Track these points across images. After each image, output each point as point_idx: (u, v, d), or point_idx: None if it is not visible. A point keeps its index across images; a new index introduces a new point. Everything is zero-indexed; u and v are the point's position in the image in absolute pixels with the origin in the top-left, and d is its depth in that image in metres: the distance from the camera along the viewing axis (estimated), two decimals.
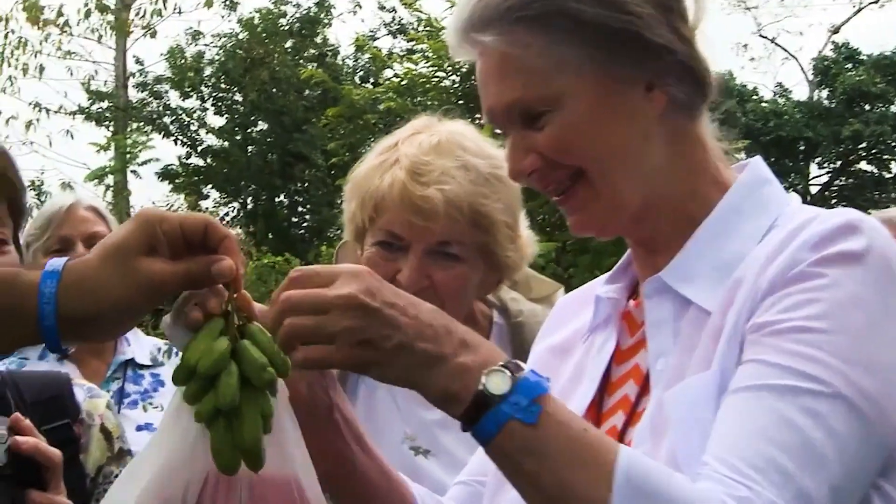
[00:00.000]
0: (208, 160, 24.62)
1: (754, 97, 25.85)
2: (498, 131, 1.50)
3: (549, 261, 12.09)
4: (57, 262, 1.24)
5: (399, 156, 2.03)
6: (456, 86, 17.01)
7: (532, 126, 1.42)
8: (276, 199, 24.61)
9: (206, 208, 23.06)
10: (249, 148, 24.57)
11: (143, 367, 3.09)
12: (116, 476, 1.78)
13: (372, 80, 22.41)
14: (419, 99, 17.12)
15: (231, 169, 24.12)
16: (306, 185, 24.24)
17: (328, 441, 1.43)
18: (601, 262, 12.63)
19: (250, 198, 24.75)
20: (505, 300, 2.21)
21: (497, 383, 1.19)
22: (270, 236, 23.18)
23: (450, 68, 16.77)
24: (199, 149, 24.55)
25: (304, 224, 24.89)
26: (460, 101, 17.54)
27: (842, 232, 1.30)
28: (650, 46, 1.40)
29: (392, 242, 2.03)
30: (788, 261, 1.30)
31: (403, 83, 17.35)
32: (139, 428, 2.96)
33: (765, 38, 28.80)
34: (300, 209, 24.98)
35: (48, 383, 1.77)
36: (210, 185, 24.67)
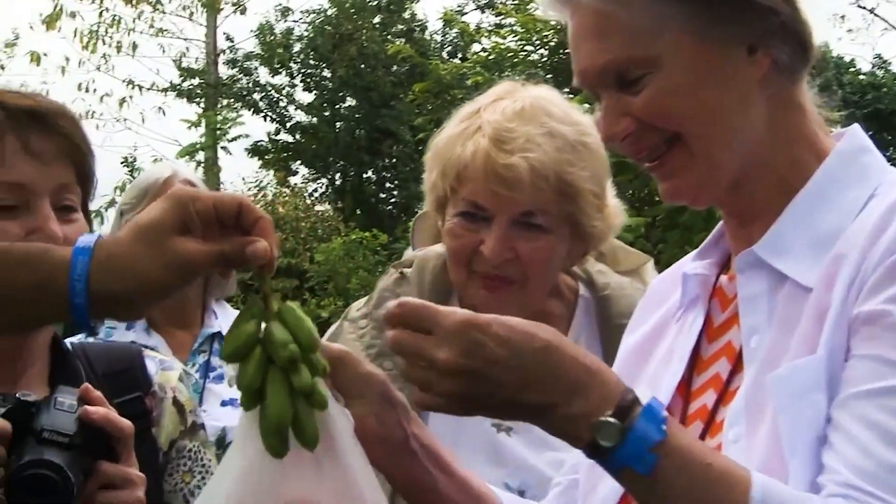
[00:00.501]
0: (297, 136, 24.82)
1: (852, 69, 25.18)
2: (586, 101, 1.48)
3: (637, 236, 11.91)
4: (88, 239, 1.24)
5: (482, 123, 1.97)
6: (544, 59, 16.88)
7: (627, 88, 1.37)
8: (364, 175, 24.73)
9: (295, 184, 23.30)
10: (337, 124, 24.71)
11: None
12: (189, 450, 1.76)
13: (459, 55, 22.36)
14: (507, 73, 17.02)
15: (319, 145, 24.29)
16: (394, 160, 24.30)
17: (408, 471, 1.42)
18: (691, 238, 12.43)
19: (338, 174, 24.92)
20: (591, 272, 2.16)
21: (607, 436, 1.17)
22: (358, 212, 23.33)
23: (538, 42, 16.65)
24: (288, 125, 24.77)
25: (392, 200, 24.99)
26: (549, 76, 17.42)
27: None
28: (755, 6, 1.34)
29: (475, 213, 1.97)
30: (891, 241, 1.25)
31: (491, 58, 17.26)
32: (223, 403, 2.97)
33: (863, 8, 27.98)
34: (387, 185, 25.08)
35: (119, 355, 1.75)
36: (299, 161, 24.88)
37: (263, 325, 1.31)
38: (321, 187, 24.95)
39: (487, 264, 1.95)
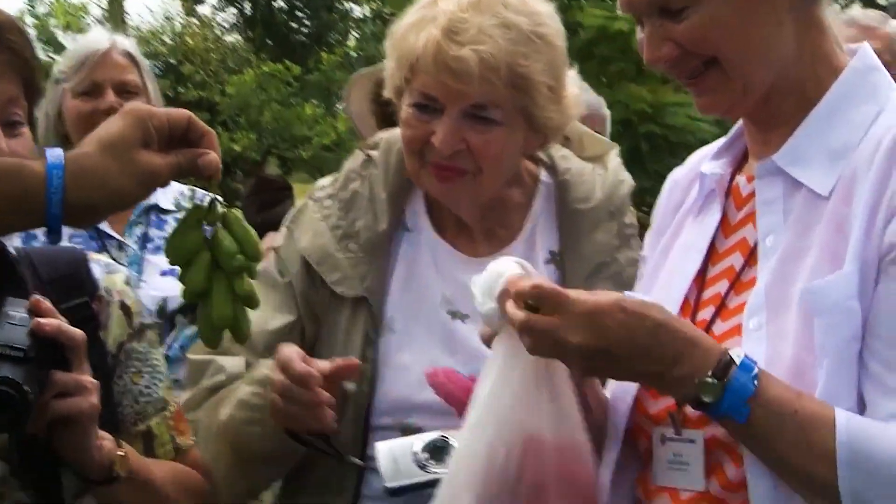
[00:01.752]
0: None
1: None
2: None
3: None
4: (57, 154, 1.35)
5: (437, 12, 1.94)
6: None
7: (671, 17, 1.48)
8: (275, 4, 24.09)
9: (203, 14, 22.60)
10: None
11: (166, 211, 3.05)
12: (138, 352, 1.78)
13: None
14: None
15: None
16: None
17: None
18: (607, 69, 12.50)
19: (248, 3, 24.22)
20: (554, 157, 2.16)
21: (709, 393, 1.36)
22: (269, 43, 22.81)
23: None
24: None
25: (304, 30, 24.46)
26: None
27: None
28: None
29: (427, 104, 1.95)
30: None
31: None
32: (163, 273, 2.95)
33: None
34: (299, 14, 24.49)
35: (64, 260, 1.74)
36: None
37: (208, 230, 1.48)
38: (231, 17, 24.28)
39: (438, 155, 1.95)
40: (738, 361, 1.37)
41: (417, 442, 1.82)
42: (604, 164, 2.17)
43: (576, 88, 2.07)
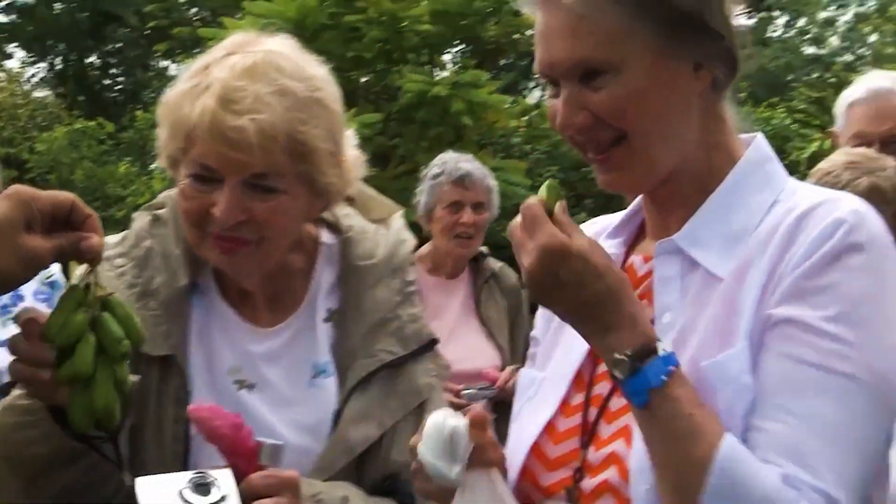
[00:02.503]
0: (12, 16, 23.23)
1: None
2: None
3: (375, 133, 12.07)
4: None
5: (210, 81, 1.88)
6: None
7: (589, 85, 1.50)
8: (87, 60, 23.52)
9: (11, 69, 21.83)
10: (56, 4, 23.27)
11: None
12: None
13: None
14: None
15: (37, 27, 22.84)
16: (119, 45, 23.21)
17: None
18: (426, 133, 12.70)
19: (59, 58, 23.56)
20: (337, 216, 2.13)
21: (619, 369, 1.42)
22: (82, 99, 22.20)
23: None
24: (2, 4, 23.10)
25: (118, 87, 23.93)
26: None
27: (847, 223, 1.44)
28: (708, 30, 1.50)
29: (205, 175, 1.89)
30: (802, 252, 1.43)
31: None
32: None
33: None
34: (113, 71, 23.97)
35: None
36: (15, 44, 23.33)
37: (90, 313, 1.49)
38: (40, 72, 23.55)
39: (220, 226, 1.89)
40: (660, 354, 1.41)
41: (181, 478, 1.73)
42: (387, 224, 2.16)
43: (354, 150, 2.06)
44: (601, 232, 1.73)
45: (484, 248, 4.52)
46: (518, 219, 1.48)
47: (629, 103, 1.50)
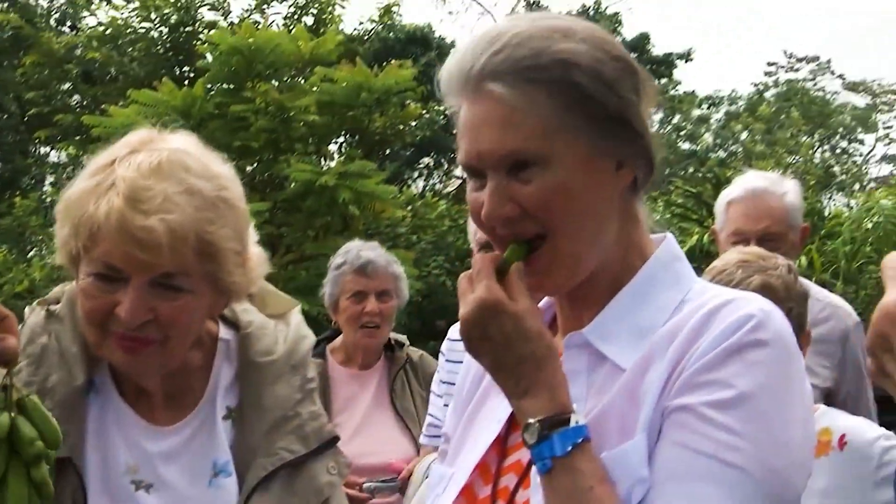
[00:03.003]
0: None
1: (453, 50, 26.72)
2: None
3: (262, 221, 12.02)
4: None
5: (115, 179, 1.85)
6: (164, 37, 16.45)
7: (517, 177, 1.50)
8: None
9: None
10: None
11: None
12: None
13: (69, 23, 21.30)
14: (125, 49, 16.42)
15: None
16: None
17: None
18: (313, 222, 12.70)
19: None
20: (236, 311, 2.11)
21: (529, 433, 1.45)
22: None
23: (157, 19, 16.20)
24: None
25: None
26: (169, 53, 16.99)
27: (753, 318, 1.46)
28: (631, 129, 1.52)
29: (110, 274, 1.85)
30: (706, 346, 1.45)
31: (108, 32, 16.54)
32: None
33: None
34: None
35: None
36: None
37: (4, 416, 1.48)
38: None
39: (124, 326, 1.86)
40: (571, 425, 1.44)
41: None
42: (286, 320, 2.15)
43: (257, 247, 2.04)
44: None
45: (400, 337, 4.48)
46: (471, 307, 1.49)
47: (557, 197, 1.50)
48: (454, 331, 3.84)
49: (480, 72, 1.51)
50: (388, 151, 17.21)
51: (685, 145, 33.42)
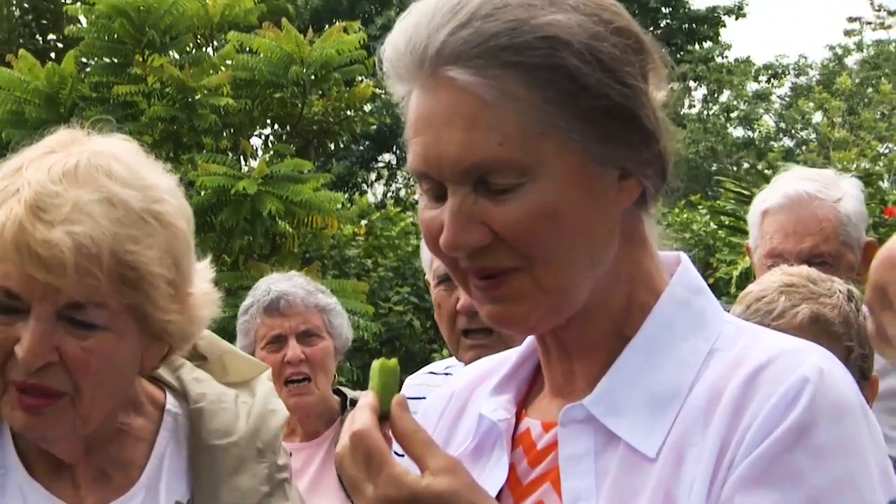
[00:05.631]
0: None
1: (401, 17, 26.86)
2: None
3: None
4: None
5: (21, 183, 1.91)
6: None
7: (489, 194, 1.51)
8: None
9: None
10: None
11: None
12: None
13: None
14: None
15: None
16: None
17: None
18: (231, 243, 12.69)
19: None
20: (185, 381, 2.16)
21: None
22: None
23: None
24: None
25: None
26: (27, 17, 17.01)
27: (807, 392, 1.48)
28: (640, 129, 1.54)
29: (7, 303, 1.91)
30: (758, 428, 1.48)
31: None
32: None
33: None
34: None
35: None
36: None
37: None
38: None
39: (24, 371, 1.91)
40: None
41: None
42: (251, 390, 2.19)
43: (207, 286, 2.09)
44: (481, 381, 1.75)
45: (355, 393, 4.43)
46: (345, 441, 1.51)
47: (541, 220, 1.51)
48: (411, 384, 3.86)
49: (439, 53, 1.51)
50: (332, 146, 17.25)
51: (737, 131, 33.65)
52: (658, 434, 1.53)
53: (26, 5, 16.50)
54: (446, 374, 3.77)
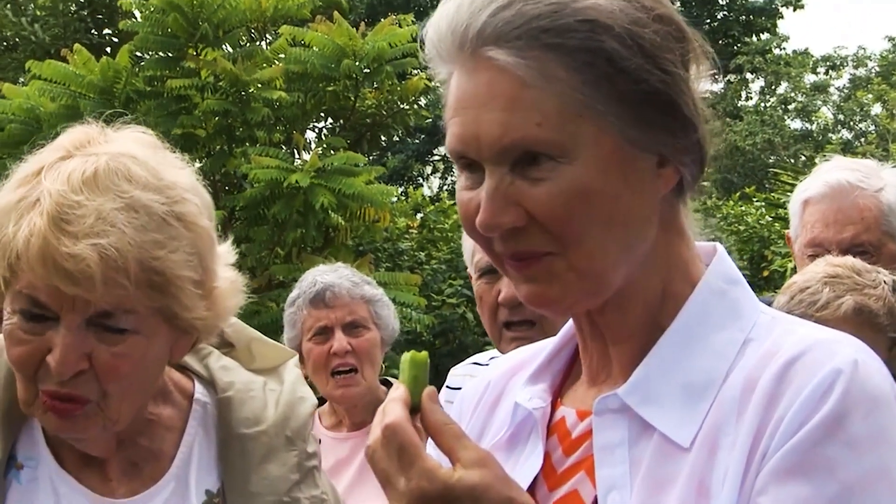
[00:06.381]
0: None
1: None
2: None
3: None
4: None
5: (41, 192, 1.91)
6: None
7: (525, 174, 1.52)
8: None
9: None
10: None
11: None
12: None
13: None
14: (25, 5, 16.56)
15: None
16: None
17: None
18: (284, 237, 12.72)
19: None
20: (213, 369, 2.18)
21: None
22: None
23: None
24: None
25: None
26: (83, 11, 17.10)
27: (841, 382, 1.49)
28: (679, 116, 1.55)
29: (37, 312, 1.93)
30: (791, 418, 1.48)
31: None
32: None
33: None
34: None
35: None
36: None
37: None
38: None
39: (56, 379, 1.93)
40: None
41: None
42: (279, 377, 2.21)
43: (230, 272, 2.10)
44: (517, 371, 1.76)
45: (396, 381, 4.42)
46: (377, 434, 1.52)
47: (577, 202, 1.51)
48: (455, 374, 3.87)
49: (480, 34, 1.53)
50: (385, 140, 17.29)
51: (795, 123, 33.45)
52: (692, 424, 1.54)
53: (82, 0, 16.62)
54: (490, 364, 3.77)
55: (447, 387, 4.14)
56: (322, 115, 14.68)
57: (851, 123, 33.75)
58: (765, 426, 1.49)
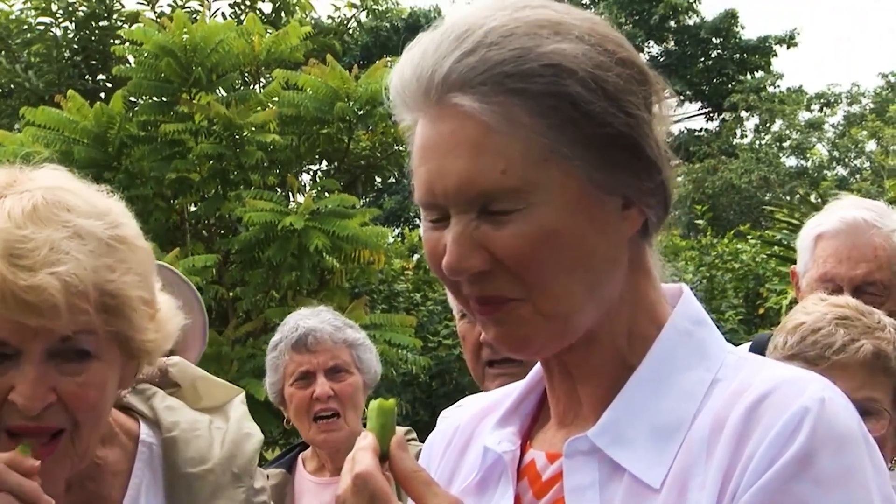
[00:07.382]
0: None
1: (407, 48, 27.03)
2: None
3: (209, 281, 12.00)
4: None
5: None
6: (70, 36, 16.65)
7: (491, 218, 1.54)
8: None
9: None
10: None
11: None
12: None
13: None
14: (19, 53, 16.64)
15: None
16: None
17: None
18: (279, 280, 12.71)
19: None
20: (158, 409, 2.18)
21: None
22: None
23: (61, 12, 16.40)
24: None
25: None
26: (76, 57, 17.18)
27: (808, 421, 1.50)
28: (643, 158, 1.57)
29: None
30: (760, 458, 1.49)
31: None
32: None
33: None
34: None
35: None
36: None
37: None
38: None
39: (25, 416, 1.92)
40: None
41: None
42: (225, 415, 2.22)
43: (164, 295, 2.11)
44: (486, 414, 1.77)
45: (399, 429, 4.35)
46: (347, 482, 1.55)
47: (543, 245, 1.53)
48: (447, 416, 3.89)
49: (445, 80, 1.54)
50: (380, 181, 17.31)
51: (790, 160, 33.49)
52: (662, 464, 1.55)
53: (76, 46, 16.67)
54: None
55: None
56: (316, 157, 14.69)
57: (846, 160, 33.79)
58: (734, 465, 1.50)
